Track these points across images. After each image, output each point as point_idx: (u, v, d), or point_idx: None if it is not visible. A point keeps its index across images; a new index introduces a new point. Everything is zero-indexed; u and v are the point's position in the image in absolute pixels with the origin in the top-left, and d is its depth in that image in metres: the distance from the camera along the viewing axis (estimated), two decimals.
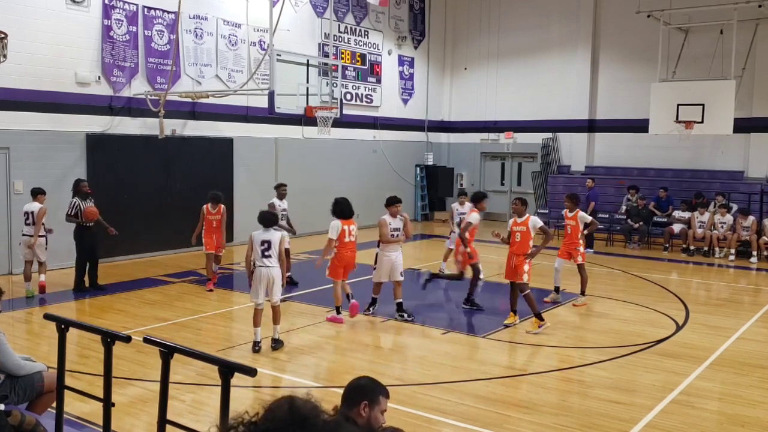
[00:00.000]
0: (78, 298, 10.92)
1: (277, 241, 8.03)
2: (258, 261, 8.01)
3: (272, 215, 8.42)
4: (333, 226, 9.46)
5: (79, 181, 11.48)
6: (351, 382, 3.44)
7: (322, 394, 6.72)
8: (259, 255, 7.99)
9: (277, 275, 8.05)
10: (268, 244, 7.99)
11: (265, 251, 7.99)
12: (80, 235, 11.26)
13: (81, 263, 11.30)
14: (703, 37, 17.69)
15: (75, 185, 11.43)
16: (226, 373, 3.45)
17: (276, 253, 8.03)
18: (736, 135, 16.86)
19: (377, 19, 20.40)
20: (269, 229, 8.11)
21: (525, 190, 21.86)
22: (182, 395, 6.55)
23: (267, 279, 8.00)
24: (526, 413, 6.37)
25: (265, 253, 7.98)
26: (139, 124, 14.24)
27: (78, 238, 11.31)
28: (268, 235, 8.05)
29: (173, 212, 14.82)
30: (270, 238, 8.03)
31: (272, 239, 8.03)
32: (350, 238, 9.54)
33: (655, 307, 10.71)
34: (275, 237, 8.06)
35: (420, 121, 22.53)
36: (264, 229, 8.09)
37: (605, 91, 20.42)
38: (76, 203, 11.12)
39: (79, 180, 11.58)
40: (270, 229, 8.12)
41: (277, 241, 8.04)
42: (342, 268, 9.53)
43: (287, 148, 17.58)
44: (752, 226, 15.64)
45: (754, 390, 7.10)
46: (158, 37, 14.43)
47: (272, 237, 8.04)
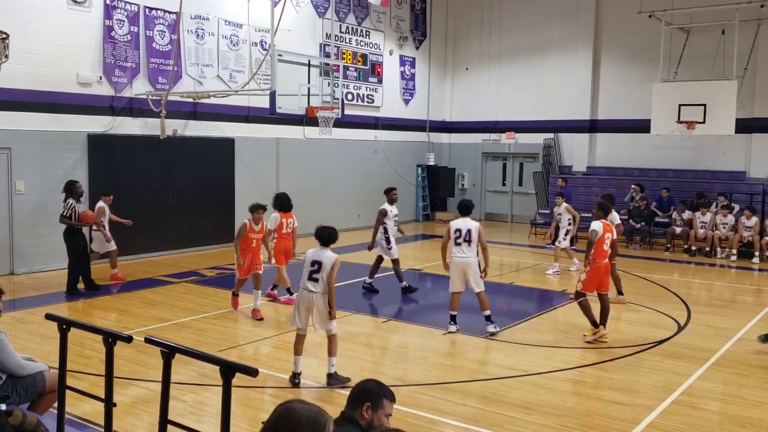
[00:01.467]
0: (71, 301, 10.72)
1: (330, 264, 6.84)
2: (302, 282, 7.01)
3: (330, 232, 7.04)
4: (272, 218, 10.37)
5: (73, 182, 11.23)
6: (358, 383, 3.45)
7: (323, 395, 6.73)
8: (305, 276, 6.98)
9: (318, 302, 6.89)
10: (319, 266, 6.90)
11: (314, 273, 6.92)
12: (72, 237, 11.01)
13: (74, 266, 11.05)
14: (705, 38, 17.67)
15: (69, 186, 11.17)
16: (228, 373, 3.45)
17: (324, 277, 6.87)
18: (737, 135, 16.85)
19: (378, 20, 20.40)
20: (325, 248, 6.99)
21: (526, 191, 21.88)
22: (184, 395, 6.55)
23: (308, 304, 6.96)
24: (528, 414, 6.36)
25: (313, 275, 6.92)
26: (140, 125, 14.25)
27: (69, 240, 11.03)
28: (321, 256, 6.94)
29: (174, 212, 14.84)
30: (321, 260, 6.91)
31: (324, 261, 6.88)
32: (287, 229, 10.46)
33: (656, 308, 10.70)
34: (327, 259, 6.89)
35: (421, 121, 22.52)
36: (320, 247, 7.01)
37: (606, 92, 20.41)
38: (72, 204, 10.96)
39: (73, 181, 11.33)
40: (326, 248, 6.99)
41: (329, 264, 6.85)
42: (283, 255, 10.52)
43: (289, 148, 17.58)
44: (755, 227, 15.63)
45: (756, 391, 7.09)
46: (159, 38, 14.44)
47: (324, 258, 6.90)
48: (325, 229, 7.02)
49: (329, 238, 6.99)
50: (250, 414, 6.08)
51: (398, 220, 11.86)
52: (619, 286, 11.01)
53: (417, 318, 10.10)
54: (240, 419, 5.84)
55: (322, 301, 6.87)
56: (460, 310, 9.18)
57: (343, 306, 10.27)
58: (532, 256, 16.05)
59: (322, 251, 6.95)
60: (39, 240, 12.53)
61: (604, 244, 8.81)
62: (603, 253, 8.84)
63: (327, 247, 6.97)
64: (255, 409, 6.21)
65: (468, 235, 8.86)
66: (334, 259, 6.87)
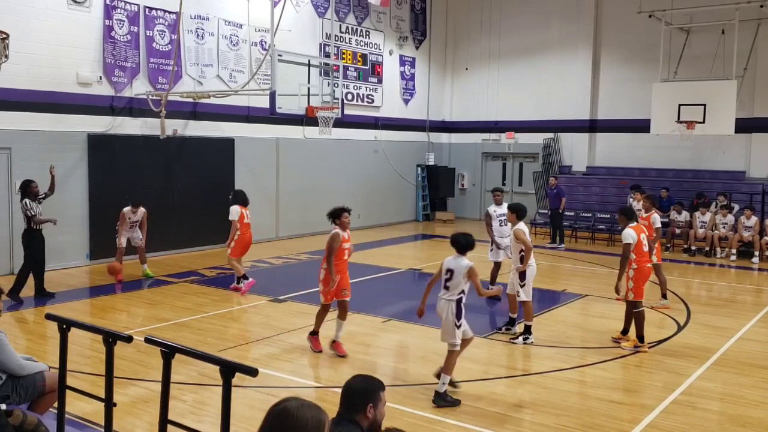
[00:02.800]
0: (14, 310, 9.89)
1: (463, 271, 6.60)
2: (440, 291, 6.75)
3: (466, 239, 6.77)
4: (233, 210, 11.09)
5: (28, 182, 10.62)
6: (349, 385, 3.40)
7: (322, 395, 6.73)
8: (441, 284, 6.74)
9: (443, 310, 6.65)
10: (451, 274, 6.66)
11: (447, 281, 6.69)
12: (31, 240, 10.49)
13: (27, 269, 10.45)
14: (705, 37, 17.68)
15: (24, 186, 10.57)
16: (227, 373, 3.45)
17: (458, 284, 6.60)
18: (737, 135, 16.86)
19: (378, 20, 20.40)
20: (461, 256, 6.72)
21: (526, 191, 21.88)
22: (184, 395, 6.56)
23: (439, 311, 6.73)
24: (527, 413, 6.37)
25: (446, 283, 6.70)
26: (140, 125, 14.25)
27: (29, 242, 10.51)
28: (455, 264, 6.68)
29: (175, 213, 14.84)
30: (454, 268, 6.67)
31: (455, 269, 6.65)
32: (247, 220, 11.21)
33: (657, 307, 10.70)
34: (461, 267, 6.63)
35: (421, 121, 22.53)
36: (456, 256, 6.75)
37: (606, 91, 20.41)
38: (27, 204, 10.40)
39: (28, 181, 10.68)
40: (462, 256, 6.72)
41: (462, 271, 6.60)
42: (242, 248, 11.24)
43: (288, 148, 17.59)
44: (755, 226, 15.64)
45: (756, 390, 7.09)
46: (159, 38, 14.44)
47: (456, 267, 6.66)
48: (461, 236, 6.77)
49: (466, 246, 6.74)
50: (250, 414, 6.09)
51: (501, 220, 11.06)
52: (664, 288, 10.82)
53: (416, 318, 10.08)
54: (240, 419, 5.84)
55: (448, 310, 6.61)
56: None
57: None
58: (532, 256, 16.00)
59: (458, 259, 6.70)
60: None
61: (643, 246, 8.60)
62: (645, 255, 8.62)
63: (464, 255, 6.72)
64: (255, 409, 6.21)
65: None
66: (469, 267, 6.60)
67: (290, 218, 17.72)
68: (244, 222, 11.17)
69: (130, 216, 12.07)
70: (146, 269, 12.36)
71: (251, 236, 11.45)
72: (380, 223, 20.38)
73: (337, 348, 8.03)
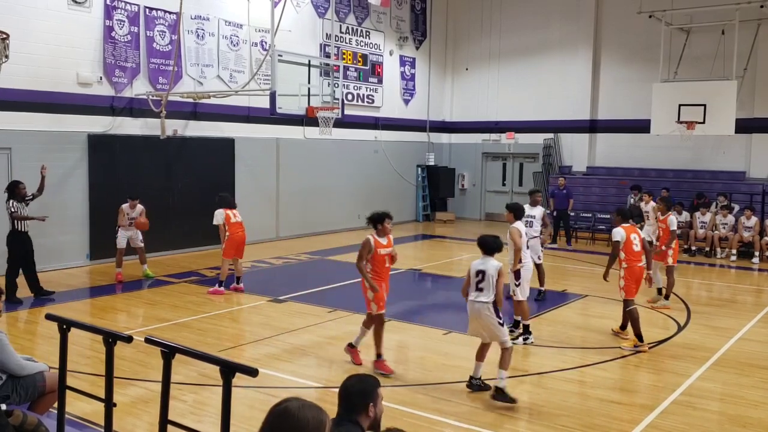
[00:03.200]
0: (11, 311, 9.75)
1: (494, 272, 6.66)
2: (471, 293, 6.78)
3: (494, 241, 6.85)
4: (216, 214, 11.17)
5: (16, 183, 10.49)
6: (346, 387, 3.39)
7: (323, 395, 6.73)
8: (473, 287, 6.76)
9: (483, 311, 6.68)
10: (483, 275, 6.69)
11: (479, 282, 6.71)
12: (16, 241, 10.36)
13: (12, 271, 10.33)
14: (705, 38, 17.68)
15: (11, 187, 10.44)
16: (228, 373, 3.45)
17: (491, 285, 6.65)
18: (737, 135, 16.85)
19: (378, 20, 20.40)
20: (488, 257, 6.79)
21: (526, 191, 21.84)
22: (184, 395, 6.56)
23: (476, 314, 6.76)
24: (527, 414, 6.37)
25: (479, 285, 6.71)
26: (140, 125, 14.26)
27: (14, 243, 10.38)
28: (484, 265, 6.73)
29: (175, 213, 14.84)
30: (485, 268, 6.71)
31: (487, 269, 6.69)
32: (236, 219, 11.25)
33: (657, 307, 10.70)
34: (491, 267, 6.69)
35: (421, 121, 22.53)
36: (482, 258, 6.80)
37: (606, 92, 20.41)
38: (12, 205, 10.28)
39: (16, 182, 10.57)
40: (490, 257, 6.79)
41: (493, 272, 6.66)
42: (233, 249, 11.18)
43: (289, 148, 17.59)
44: (755, 227, 15.64)
45: (756, 391, 7.09)
46: (160, 38, 14.44)
47: (487, 267, 6.70)
48: (490, 238, 6.85)
49: (495, 248, 6.80)
50: (250, 414, 6.09)
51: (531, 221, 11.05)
52: (670, 290, 10.88)
53: (416, 318, 10.10)
54: (240, 419, 5.84)
55: (486, 312, 6.66)
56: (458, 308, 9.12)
57: (343, 305, 10.29)
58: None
59: (487, 260, 6.74)
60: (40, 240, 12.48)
61: (633, 245, 8.64)
62: (636, 255, 8.64)
63: (491, 256, 6.78)
64: (255, 409, 6.21)
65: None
66: (499, 267, 6.70)
67: (290, 218, 17.72)
68: (232, 222, 11.19)
69: (128, 212, 12.03)
70: (146, 269, 12.35)
71: (243, 236, 11.39)
72: None
73: (381, 367, 7.50)
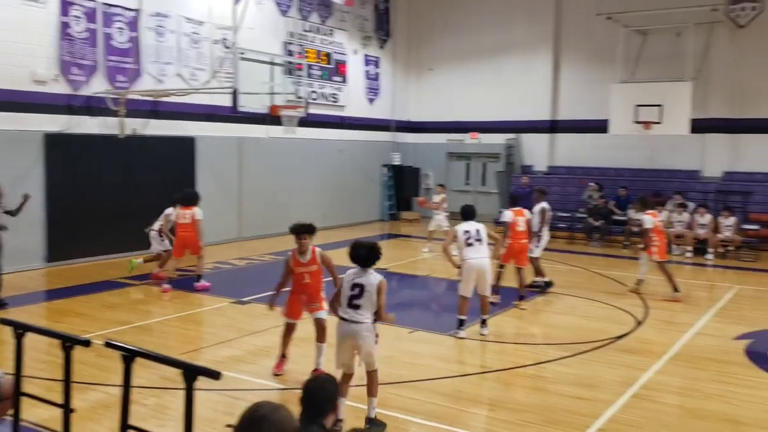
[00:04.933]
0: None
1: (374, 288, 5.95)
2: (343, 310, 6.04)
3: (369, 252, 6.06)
4: (165, 213, 11.61)
5: None
6: (312, 391, 3.38)
7: (287, 396, 6.70)
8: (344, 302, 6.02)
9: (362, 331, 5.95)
10: (360, 290, 5.97)
11: (355, 298, 5.96)
12: None
13: None
14: (661, 40, 18.07)
15: None
16: (190, 376, 3.42)
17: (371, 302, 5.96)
18: (692, 135, 17.26)
19: (342, 19, 20.37)
20: (364, 269, 6.06)
21: (489, 190, 22.09)
22: (145, 399, 6.46)
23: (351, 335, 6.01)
24: (491, 410, 6.44)
25: (354, 301, 5.97)
26: (99, 124, 13.98)
27: None
28: (362, 278, 6.01)
29: (134, 213, 14.54)
30: (363, 282, 5.99)
31: (365, 283, 5.98)
32: (185, 220, 11.31)
33: (615, 304, 10.91)
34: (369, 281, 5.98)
35: (386, 120, 22.57)
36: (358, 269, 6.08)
37: (567, 92, 20.71)
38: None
39: None
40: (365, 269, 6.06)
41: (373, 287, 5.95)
42: (179, 247, 11.37)
43: (252, 147, 17.44)
44: (709, 224, 16.06)
45: (712, 384, 7.28)
46: (118, 35, 14.19)
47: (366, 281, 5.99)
48: (362, 249, 6.06)
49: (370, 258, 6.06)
50: (213, 417, 6.03)
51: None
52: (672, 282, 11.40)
53: None
54: (203, 422, 5.78)
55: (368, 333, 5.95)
56: (423, 306, 9.22)
57: None
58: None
59: (362, 272, 6.02)
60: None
61: (517, 226, 10.78)
62: (519, 234, 10.79)
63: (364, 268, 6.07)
64: (219, 412, 6.16)
65: (478, 234, 8.97)
66: (377, 282, 5.97)
67: (254, 218, 17.57)
68: (180, 223, 11.34)
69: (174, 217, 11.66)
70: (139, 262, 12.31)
71: (189, 236, 11.26)
72: (346, 223, 20.34)
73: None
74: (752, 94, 17.93)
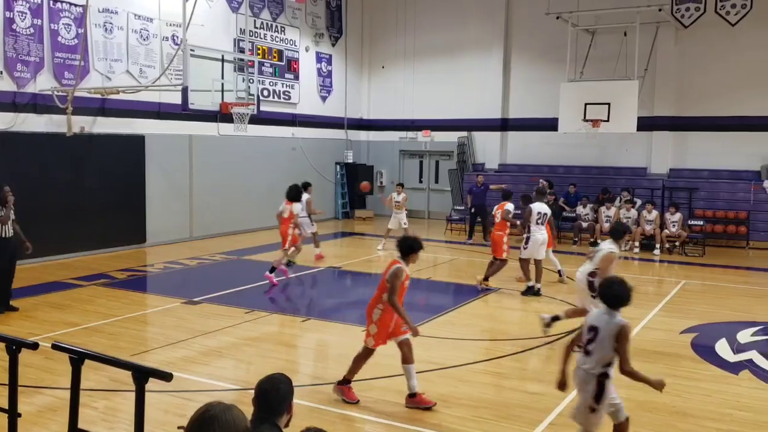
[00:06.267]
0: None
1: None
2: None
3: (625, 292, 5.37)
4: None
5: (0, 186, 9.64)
6: (266, 391, 3.36)
7: (241, 396, 6.64)
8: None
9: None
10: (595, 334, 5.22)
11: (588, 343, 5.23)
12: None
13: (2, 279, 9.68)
14: (609, 39, 18.48)
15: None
16: (140, 378, 3.36)
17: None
18: (639, 133, 17.68)
19: (294, 16, 20.24)
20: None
21: (442, 188, 22.27)
22: (95, 402, 6.32)
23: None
24: (446, 407, 6.49)
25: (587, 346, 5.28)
26: (45, 121, 13.59)
27: None
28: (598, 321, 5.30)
29: (83, 212, 14.23)
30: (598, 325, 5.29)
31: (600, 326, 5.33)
32: (285, 214, 11.88)
33: (566, 299, 11.13)
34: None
35: (339, 118, 22.52)
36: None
37: (517, 91, 21.02)
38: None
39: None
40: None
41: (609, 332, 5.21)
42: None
43: (202, 145, 17.18)
44: (656, 220, 16.54)
45: (660, 376, 7.47)
46: (65, 31, 13.80)
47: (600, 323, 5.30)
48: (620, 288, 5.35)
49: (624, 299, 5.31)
50: (165, 419, 5.93)
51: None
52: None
53: (336, 316, 10.12)
54: (155, 424, 5.69)
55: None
56: None
57: (261, 306, 10.17)
58: (448, 252, 16.36)
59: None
60: None
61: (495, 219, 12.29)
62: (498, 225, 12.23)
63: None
64: (170, 414, 6.06)
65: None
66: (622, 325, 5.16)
67: (205, 218, 17.32)
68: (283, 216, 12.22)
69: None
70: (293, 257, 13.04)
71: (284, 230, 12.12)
72: None
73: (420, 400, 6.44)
74: (696, 92, 18.52)
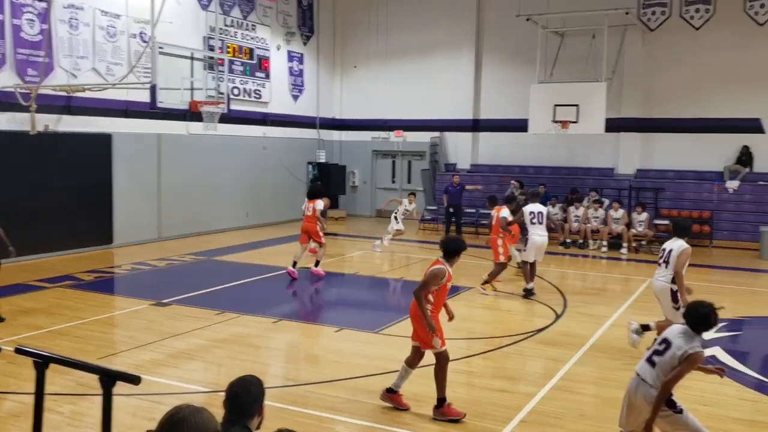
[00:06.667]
0: None
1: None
2: None
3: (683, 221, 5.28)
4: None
5: None
6: (237, 393, 3.32)
7: (210, 399, 6.56)
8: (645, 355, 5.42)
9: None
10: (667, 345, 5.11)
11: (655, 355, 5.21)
12: None
13: None
14: (578, 41, 18.70)
15: None
16: (108, 381, 3.28)
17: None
18: (607, 134, 17.92)
19: (265, 14, 20.09)
20: None
21: (415, 188, 22.29)
22: (60, 407, 6.19)
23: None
24: (418, 406, 6.49)
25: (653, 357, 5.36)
26: (7, 119, 13.27)
27: None
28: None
29: (48, 213, 13.94)
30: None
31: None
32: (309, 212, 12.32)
33: (535, 298, 11.23)
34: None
35: (311, 118, 22.41)
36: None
37: (489, 92, 21.15)
38: None
39: None
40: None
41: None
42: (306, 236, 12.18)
43: (171, 144, 16.94)
44: (623, 219, 16.79)
45: (627, 373, 7.52)
46: (28, 27, 13.50)
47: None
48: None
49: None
50: (132, 423, 5.84)
51: None
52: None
53: (307, 317, 10.07)
54: (123, 428, 5.59)
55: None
56: (350, 305, 9.21)
57: (231, 307, 10.08)
58: (421, 251, 16.40)
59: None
60: None
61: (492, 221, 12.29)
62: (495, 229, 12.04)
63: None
64: (138, 417, 5.97)
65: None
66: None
67: (174, 218, 17.09)
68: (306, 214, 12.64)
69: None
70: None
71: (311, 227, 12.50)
72: (270, 222, 20.11)
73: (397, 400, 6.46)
74: (662, 95, 18.84)
